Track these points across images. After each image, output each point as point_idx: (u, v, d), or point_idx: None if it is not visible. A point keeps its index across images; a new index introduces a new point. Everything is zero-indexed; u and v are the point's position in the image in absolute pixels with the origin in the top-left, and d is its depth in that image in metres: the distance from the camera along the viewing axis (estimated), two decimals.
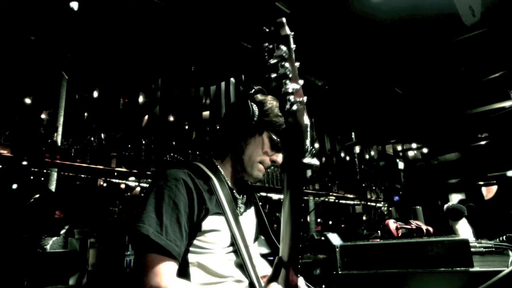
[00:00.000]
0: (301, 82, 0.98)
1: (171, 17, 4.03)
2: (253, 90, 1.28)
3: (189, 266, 1.14)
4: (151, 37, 4.34)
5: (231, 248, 1.21)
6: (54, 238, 3.12)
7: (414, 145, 9.93)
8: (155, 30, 4.23)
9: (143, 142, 4.40)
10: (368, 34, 4.71)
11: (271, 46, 0.96)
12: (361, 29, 4.60)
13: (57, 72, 3.99)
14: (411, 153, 10.20)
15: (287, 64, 0.94)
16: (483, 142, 8.21)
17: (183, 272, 1.13)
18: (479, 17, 3.93)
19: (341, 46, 4.98)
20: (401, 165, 10.37)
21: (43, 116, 3.91)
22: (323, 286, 4.01)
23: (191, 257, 1.15)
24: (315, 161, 0.98)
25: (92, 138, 3.97)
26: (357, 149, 9.07)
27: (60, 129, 3.80)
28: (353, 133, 8.87)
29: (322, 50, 5.05)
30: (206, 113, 5.62)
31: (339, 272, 1.28)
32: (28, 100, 3.83)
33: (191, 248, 1.15)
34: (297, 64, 0.98)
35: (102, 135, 4.13)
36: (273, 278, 1.04)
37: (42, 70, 3.97)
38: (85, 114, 4.44)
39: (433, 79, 6.07)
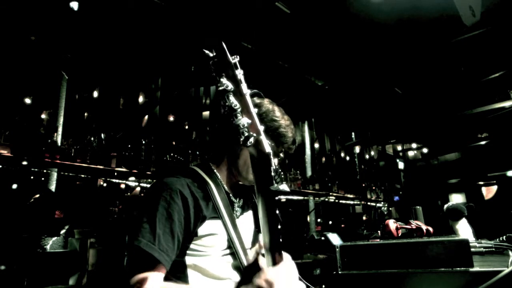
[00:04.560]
0: (254, 111, 0.92)
1: (171, 17, 4.03)
2: (249, 93, 1.29)
3: (186, 268, 1.16)
4: (151, 37, 4.33)
5: (228, 251, 1.22)
6: (54, 238, 3.13)
7: (414, 145, 9.93)
8: (155, 30, 4.23)
9: (143, 142, 4.40)
10: (368, 34, 4.71)
11: (214, 75, 0.90)
12: (361, 29, 4.60)
13: (57, 72, 3.98)
14: (411, 153, 10.20)
15: (232, 98, 0.89)
16: (483, 142, 8.20)
17: (181, 274, 1.14)
18: (479, 17, 3.93)
19: (341, 46, 4.98)
20: (401, 165, 10.37)
21: (43, 116, 3.91)
22: (323, 286, 4.01)
23: (188, 260, 1.16)
24: (284, 187, 0.95)
25: (92, 138, 3.97)
26: (357, 149, 9.06)
27: (60, 129, 3.79)
28: (353, 133, 8.87)
29: (322, 50, 5.05)
30: (206, 113, 5.62)
31: (339, 272, 1.28)
32: (28, 100, 3.82)
33: (188, 251, 1.16)
34: (247, 92, 0.90)
35: (102, 135, 4.12)
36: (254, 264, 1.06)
37: (42, 70, 3.97)
38: (85, 114, 4.44)
39: (433, 79, 6.06)
